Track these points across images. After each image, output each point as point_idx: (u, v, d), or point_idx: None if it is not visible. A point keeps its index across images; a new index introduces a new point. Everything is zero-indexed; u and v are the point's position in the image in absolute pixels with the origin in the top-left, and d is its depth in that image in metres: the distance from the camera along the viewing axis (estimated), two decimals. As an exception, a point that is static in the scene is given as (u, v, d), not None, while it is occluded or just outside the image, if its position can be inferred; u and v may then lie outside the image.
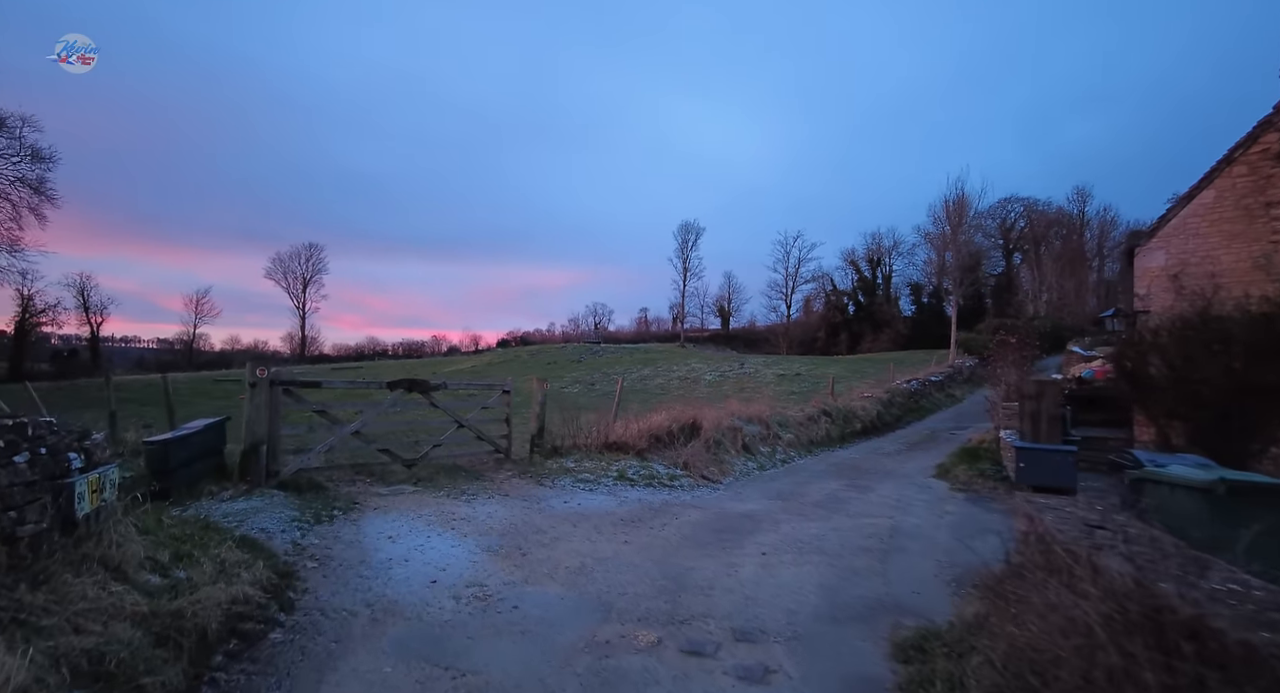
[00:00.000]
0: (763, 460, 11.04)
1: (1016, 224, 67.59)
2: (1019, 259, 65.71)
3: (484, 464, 8.45)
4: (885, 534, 6.63)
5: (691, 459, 9.16)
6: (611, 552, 5.54)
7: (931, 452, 13.84)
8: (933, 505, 8.22)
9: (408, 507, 6.24)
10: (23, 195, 34.22)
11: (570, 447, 9.16)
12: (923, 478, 10.48)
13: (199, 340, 73.66)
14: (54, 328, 65.82)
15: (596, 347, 51.27)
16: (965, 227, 29.23)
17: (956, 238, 29.24)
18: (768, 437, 11.95)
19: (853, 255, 66.39)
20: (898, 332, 59.09)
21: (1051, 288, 57.70)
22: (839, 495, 8.64)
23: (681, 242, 65.23)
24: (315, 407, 6.84)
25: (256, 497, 5.70)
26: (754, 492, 8.75)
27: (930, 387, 23.29)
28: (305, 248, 73.95)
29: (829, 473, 10.64)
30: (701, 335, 70.03)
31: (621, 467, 8.59)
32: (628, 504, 7.27)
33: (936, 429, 17.83)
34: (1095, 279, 63.93)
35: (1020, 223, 67.55)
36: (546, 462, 8.59)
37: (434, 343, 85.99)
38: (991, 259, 62.69)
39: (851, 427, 15.62)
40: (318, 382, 6.80)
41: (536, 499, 7.01)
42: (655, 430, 9.52)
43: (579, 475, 8.11)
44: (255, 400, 6.02)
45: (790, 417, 13.69)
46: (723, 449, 10.23)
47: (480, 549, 5.27)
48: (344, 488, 6.83)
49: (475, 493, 6.96)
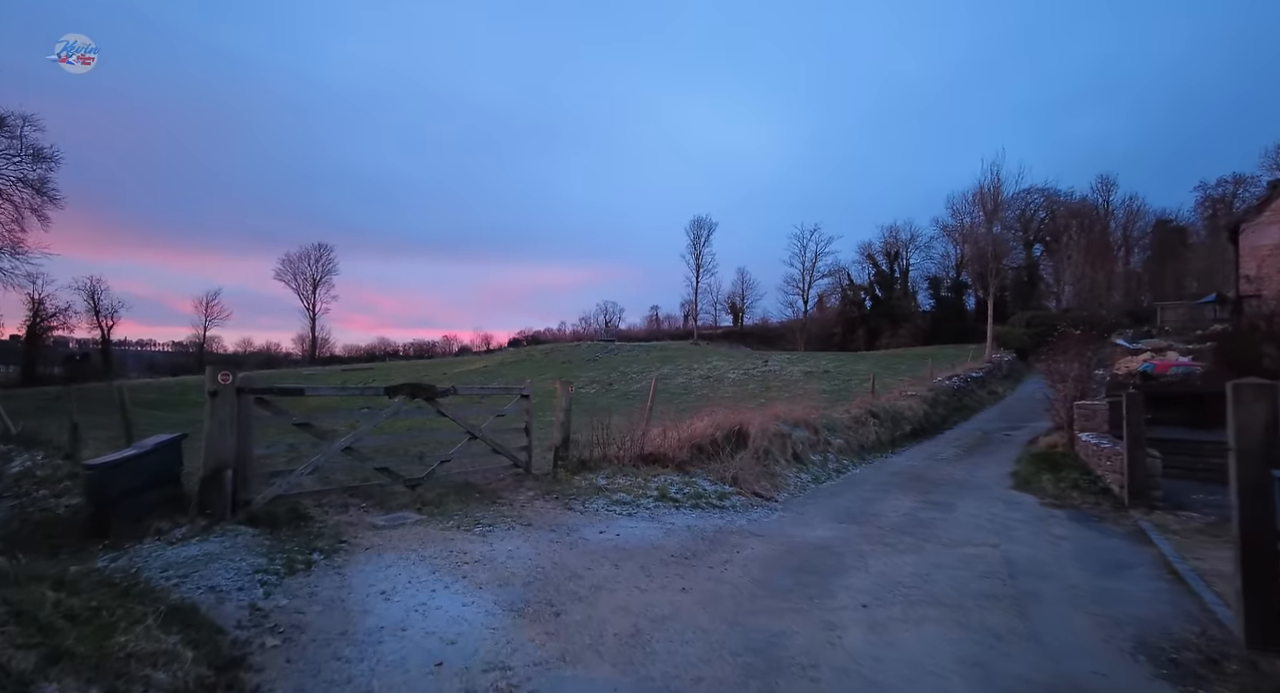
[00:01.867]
0: (816, 471, 9.73)
1: (1036, 215, 65.66)
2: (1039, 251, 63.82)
3: (501, 482, 7.21)
4: (1002, 571, 5.31)
5: (741, 473, 7.88)
6: (669, 606, 4.27)
7: (994, 456, 12.48)
8: (1035, 528, 6.88)
9: (409, 544, 5.00)
10: (25, 196, 33.44)
11: (600, 459, 7.90)
12: (1002, 490, 9.13)
13: (211, 343, 73.29)
14: (65, 332, 65.70)
15: (611, 345, 50.02)
16: (1001, 214, 27.64)
17: (991, 225, 27.68)
18: (817, 443, 10.63)
19: (869, 249, 64.79)
20: (917, 326, 57.55)
21: (1083, 278, 55.68)
22: (919, 516, 7.32)
23: (694, 237, 63.88)
24: (297, 419, 5.62)
25: (216, 536, 4.48)
26: (817, 512, 7.45)
27: (972, 384, 21.85)
28: (314, 249, 73.35)
29: (894, 485, 9.31)
30: (714, 333, 68.66)
31: (661, 484, 7.32)
32: (676, 533, 5.99)
33: (988, 430, 16.42)
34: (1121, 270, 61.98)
35: (1041, 214, 65.58)
36: (573, 479, 7.33)
37: (445, 343, 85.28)
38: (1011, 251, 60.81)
39: (900, 429, 14.26)
40: (300, 389, 5.59)
41: (566, 529, 5.74)
42: (697, 439, 8.24)
43: (613, 496, 6.84)
44: (218, 414, 4.81)
45: (837, 420, 12.37)
46: (772, 459, 8.93)
47: (501, 608, 4.01)
48: (333, 517, 5.60)
49: (492, 522, 5.71)
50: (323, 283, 73.31)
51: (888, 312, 60.79)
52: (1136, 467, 7.58)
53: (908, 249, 64.73)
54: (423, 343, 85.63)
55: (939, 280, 62.34)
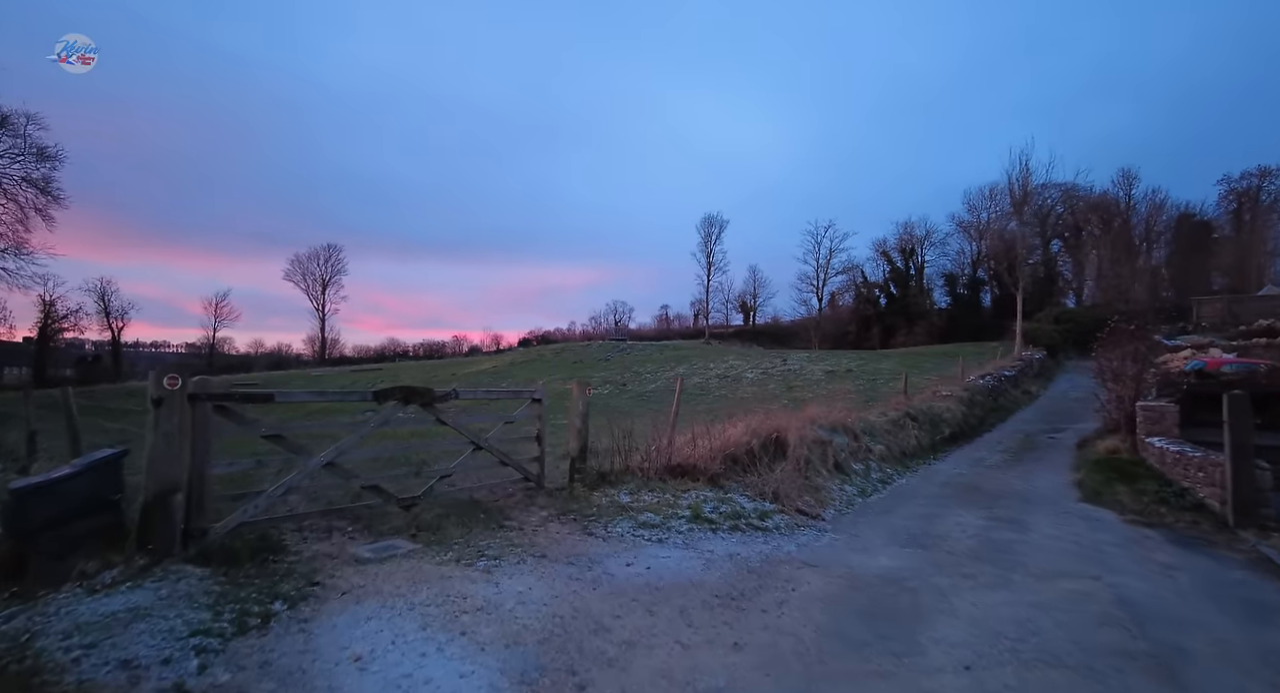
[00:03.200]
0: (860, 482, 8.76)
1: (1054, 211, 64.30)
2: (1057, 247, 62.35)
3: (509, 499, 6.29)
4: (1122, 616, 4.33)
5: (782, 487, 6.92)
6: (722, 671, 3.34)
7: (1046, 462, 11.45)
8: (1134, 554, 5.88)
9: (396, 586, 4.08)
10: (29, 196, 33.01)
11: (621, 472, 6.97)
12: (1072, 503, 8.13)
13: (223, 344, 73.16)
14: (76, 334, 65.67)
15: (623, 344, 49.08)
16: (1030, 205, 26.47)
17: (1021, 216, 26.50)
18: (858, 450, 9.66)
19: (884, 246, 63.61)
20: (933, 324, 56.44)
21: (1106, 274, 54.14)
22: (992, 538, 6.34)
23: (705, 235, 62.77)
24: (268, 430, 4.73)
25: (154, 581, 3.59)
26: (873, 533, 6.48)
27: (1006, 383, 20.73)
28: (323, 249, 72.94)
29: (948, 498, 8.33)
30: (726, 332, 67.66)
31: (694, 501, 6.37)
32: (717, 565, 5.05)
33: (1030, 433, 15.34)
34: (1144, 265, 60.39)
35: (1059, 209, 64.20)
36: (592, 495, 6.40)
37: (455, 344, 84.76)
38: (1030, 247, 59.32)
39: (939, 432, 13.24)
40: (269, 394, 4.70)
41: (587, 562, 4.81)
42: (731, 449, 7.28)
43: (639, 517, 5.90)
44: (163, 426, 3.92)
45: (875, 423, 11.38)
46: (813, 470, 7.97)
47: (509, 679, 3.09)
48: (310, 547, 4.71)
49: (499, 553, 4.78)
50: (332, 283, 72.94)
51: (903, 309, 59.68)
52: (1242, 480, 6.55)
53: (923, 246, 63.50)
54: (432, 343, 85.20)
55: (955, 277, 61.13)
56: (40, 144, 32.58)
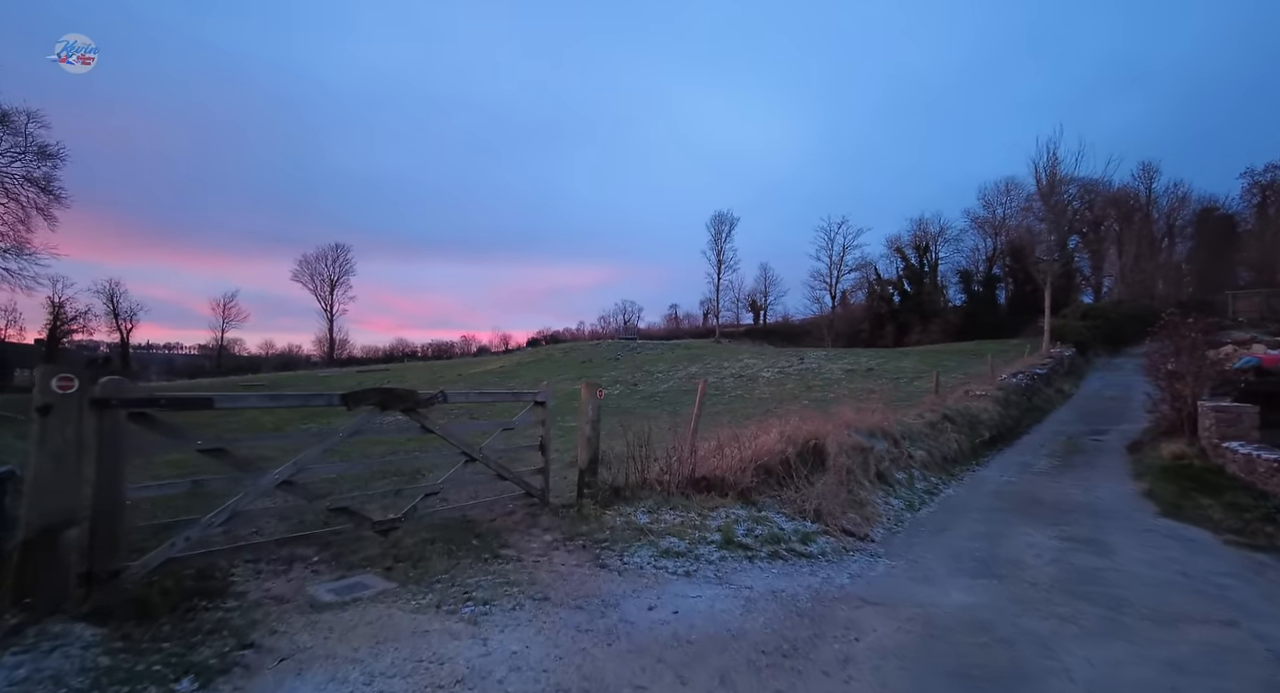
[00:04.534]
0: (905, 494, 7.78)
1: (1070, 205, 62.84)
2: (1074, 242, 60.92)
3: (508, 519, 5.38)
4: (1292, 684, 3.36)
5: (824, 503, 5.96)
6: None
7: (1099, 468, 10.41)
8: (1263, 588, 4.89)
9: (354, 646, 3.17)
10: (30, 195, 32.48)
11: (638, 486, 6.03)
12: (1149, 518, 7.13)
13: (234, 345, 72.90)
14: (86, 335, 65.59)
15: (633, 343, 48.13)
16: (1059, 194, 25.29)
17: (1048, 207, 25.32)
18: (899, 457, 8.68)
19: (898, 242, 62.30)
20: (948, 322, 55.25)
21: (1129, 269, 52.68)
22: (1074, 563, 5.37)
23: (715, 233, 61.61)
24: (206, 443, 3.84)
25: (18, 650, 2.70)
26: (933, 557, 5.52)
27: (1039, 381, 19.62)
28: (331, 249, 72.39)
29: (1006, 512, 7.35)
30: (736, 331, 66.63)
31: (724, 522, 5.42)
32: (759, 606, 4.10)
33: (1071, 434, 14.25)
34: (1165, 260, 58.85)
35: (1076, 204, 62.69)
36: (605, 514, 5.47)
37: (463, 344, 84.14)
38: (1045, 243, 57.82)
39: (978, 435, 12.22)
40: (207, 399, 3.77)
41: (600, 604, 3.88)
42: (764, 458, 6.32)
43: (661, 542, 4.96)
44: (51, 442, 3.03)
45: (912, 426, 10.38)
46: (855, 481, 7.01)
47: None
48: (263, 584, 3.83)
49: (490, 595, 3.86)
50: (340, 283, 72.38)
51: (917, 307, 58.51)
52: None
53: (937, 242, 62.15)
54: (441, 343, 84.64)
55: (970, 274, 59.82)
56: (42, 142, 32.07)
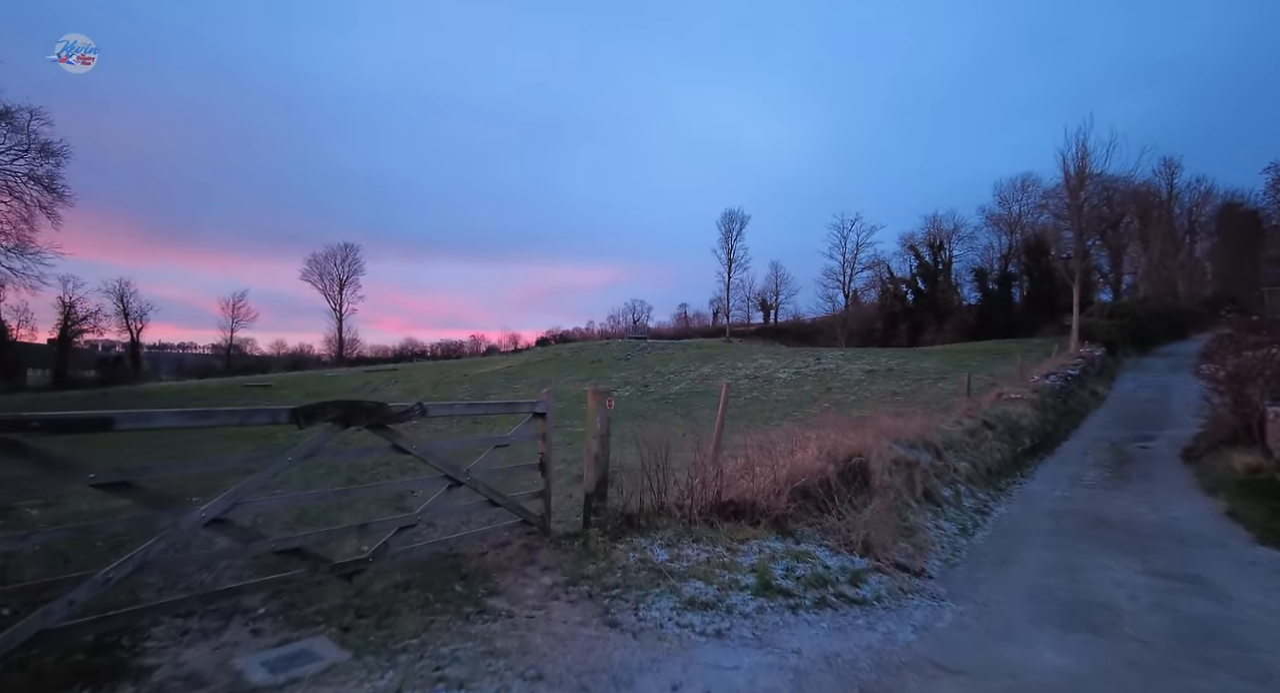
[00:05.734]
0: (954, 514, 6.87)
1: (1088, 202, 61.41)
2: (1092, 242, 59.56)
3: (502, 553, 4.54)
4: None
5: (874, 533, 5.07)
6: None
7: (1159, 482, 9.43)
8: None
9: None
10: (34, 193, 32.11)
11: (654, 511, 5.16)
12: (1247, 547, 6.19)
13: (246, 345, 72.79)
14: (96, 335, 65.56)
15: (643, 342, 47.22)
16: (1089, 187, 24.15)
17: (1077, 201, 24.20)
18: (944, 470, 7.76)
19: (912, 240, 61.18)
20: (963, 321, 54.21)
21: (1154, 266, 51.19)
22: (1180, 610, 4.45)
23: (726, 231, 60.55)
24: (103, 477, 3.01)
25: None
26: (1007, 599, 4.62)
27: (1071, 383, 18.57)
28: (340, 248, 71.98)
29: (1072, 536, 6.42)
30: (747, 330, 65.70)
31: (758, 559, 4.54)
32: (811, 680, 3.21)
33: (1114, 441, 13.23)
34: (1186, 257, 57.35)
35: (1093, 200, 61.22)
36: (615, 548, 4.60)
37: (473, 343, 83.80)
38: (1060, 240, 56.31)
39: (1020, 443, 11.27)
40: (106, 418, 2.92)
41: (609, 684, 3.00)
42: (801, 479, 5.42)
43: (684, 587, 4.09)
44: None
45: (952, 434, 9.45)
46: (901, 502, 6.11)
47: None
48: (180, 654, 3.01)
49: (469, 673, 2.99)
50: (349, 283, 71.97)
51: (931, 306, 57.48)
52: None
53: (951, 240, 60.89)
54: (450, 343, 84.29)
55: (985, 272, 58.66)
56: (44, 140, 31.68)
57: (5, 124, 30.87)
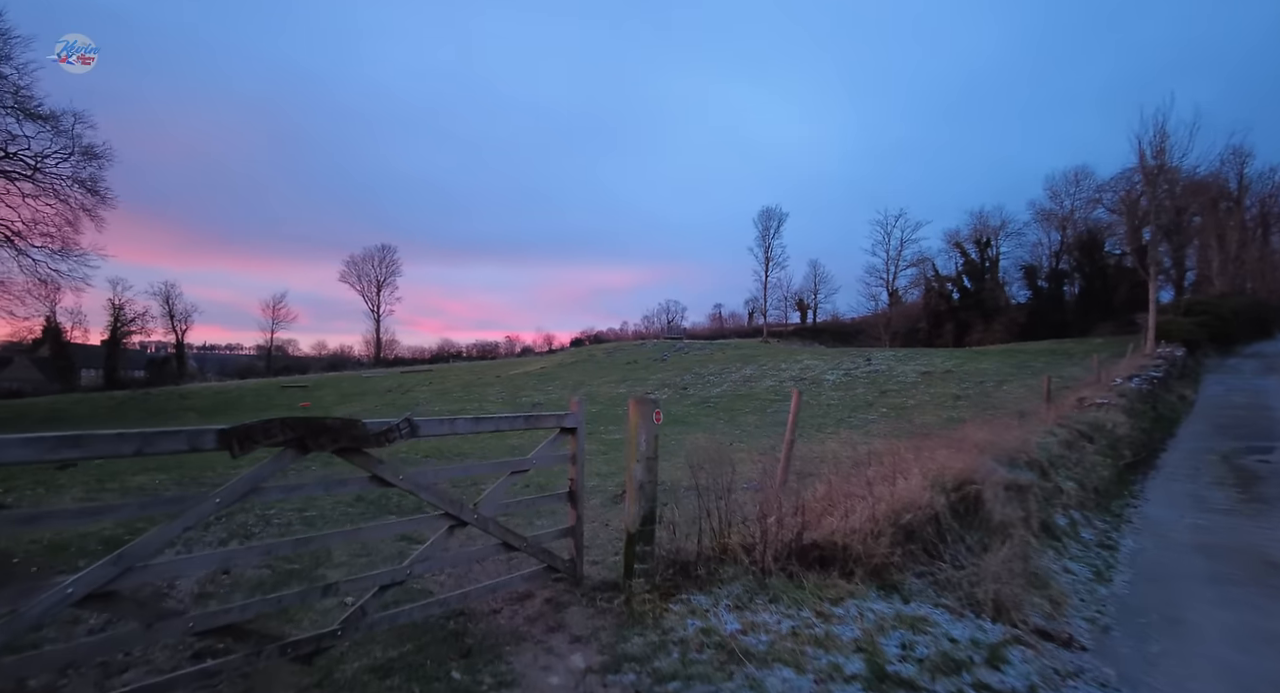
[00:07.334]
0: (1075, 549, 5.56)
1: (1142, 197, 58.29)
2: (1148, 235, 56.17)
3: (519, 613, 3.47)
4: None
5: (1003, 588, 3.85)
6: None
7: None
8: None
9: None
10: (77, 196, 32.53)
11: (714, 556, 4.03)
12: None
13: (288, 346, 74.10)
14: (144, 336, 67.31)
15: (679, 343, 46.03)
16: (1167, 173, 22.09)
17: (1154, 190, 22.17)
18: (1053, 493, 6.45)
19: (957, 237, 58.58)
20: (1012, 320, 51.65)
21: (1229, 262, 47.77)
22: None
23: (763, 229, 58.93)
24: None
25: None
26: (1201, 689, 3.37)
27: (1156, 386, 16.77)
28: (378, 250, 72.61)
29: (1242, 584, 5.05)
30: (784, 330, 63.89)
31: (862, 630, 3.37)
32: None
33: (1226, 454, 11.55)
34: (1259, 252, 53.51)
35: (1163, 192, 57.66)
36: (667, 610, 3.49)
37: (507, 344, 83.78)
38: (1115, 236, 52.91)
39: (1120, 456, 9.79)
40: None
41: None
42: (902, 514, 4.22)
43: (767, 678, 2.94)
44: None
45: (1048, 446, 8.07)
46: (1018, 539, 4.85)
47: None
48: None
49: None
50: (386, 285, 72.53)
51: (978, 304, 55.01)
52: None
53: (998, 237, 58.08)
54: (485, 344, 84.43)
55: (1035, 270, 55.82)
56: (88, 143, 32.06)
57: (50, 128, 31.30)
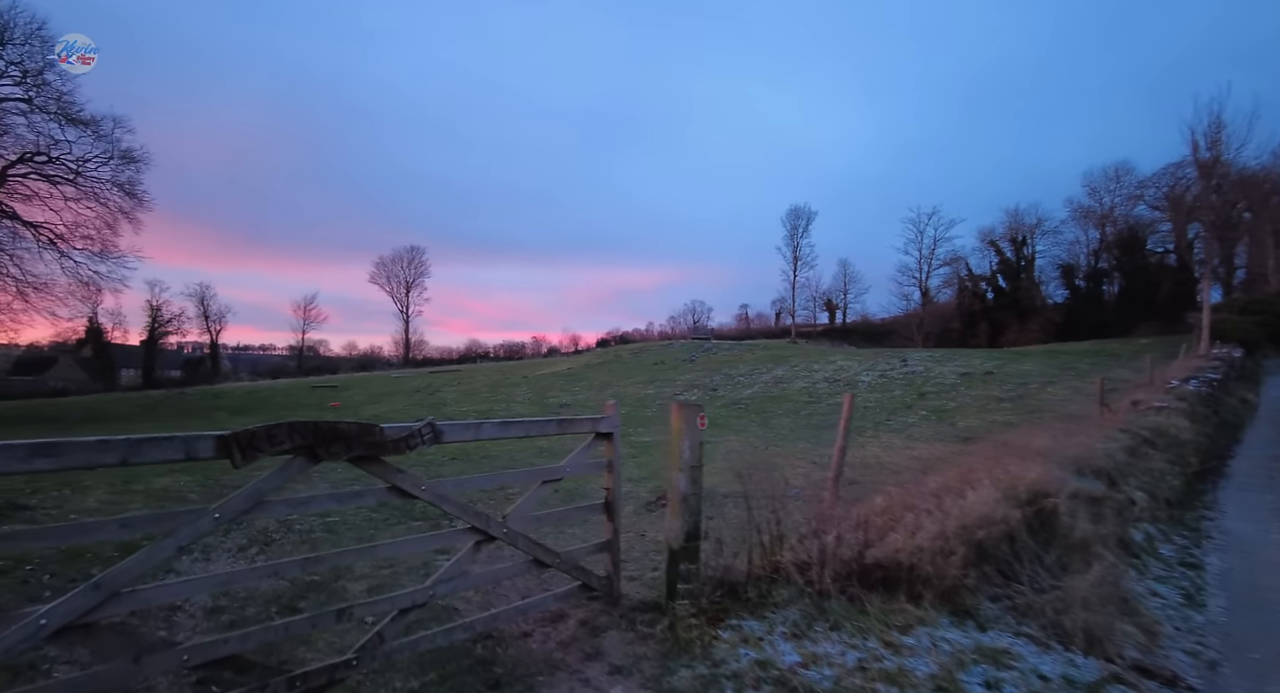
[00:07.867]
0: (1157, 569, 5.06)
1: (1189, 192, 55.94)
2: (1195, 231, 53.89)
3: (551, 637, 3.15)
4: None
5: (1094, 616, 3.41)
6: None
7: None
8: None
9: None
10: (116, 199, 33.31)
11: (765, 576, 3.65)
12: None
13: (319, 347, 75.42)
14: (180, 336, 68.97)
15: (707, 343, 45.52)
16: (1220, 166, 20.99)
17: (1209, 183, 21.09)
18: (1125, 505, 5.92)
19: (991, 235, 57.00)
20: (1049, 320, 50.03)
21: (1279, 258, 45.57)
22: None
23: (791, 228, 58.02)
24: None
25: None
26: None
27: (1216, 388, 15.86)
28: (407, 251, 73.45)
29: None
30: (812, 330, 62.89)
31: (938, 664, 2.97)
32: None
33: (1304, 461, 10.77)
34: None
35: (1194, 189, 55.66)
36: (716, 637, 3.12)
37: (534, 345, 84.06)
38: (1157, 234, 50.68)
39: (1187, 464, 9.13)
40: None
41: None
42: (973, 529, 3.79)
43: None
44: None
45: (1111, 453, 7.51)
46: (1097, 557, 4.38)
47: None
48: None
49: None
50: (415, 286, 73.30)
51: (1013, 304, 53.48)
52: None
53: (1033, 235, 56.34)
54: (513, 344, 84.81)
55: (1072, 268, 53.98)
56: (126, 147, 32.81)
57: (91, 132, 32.07)
